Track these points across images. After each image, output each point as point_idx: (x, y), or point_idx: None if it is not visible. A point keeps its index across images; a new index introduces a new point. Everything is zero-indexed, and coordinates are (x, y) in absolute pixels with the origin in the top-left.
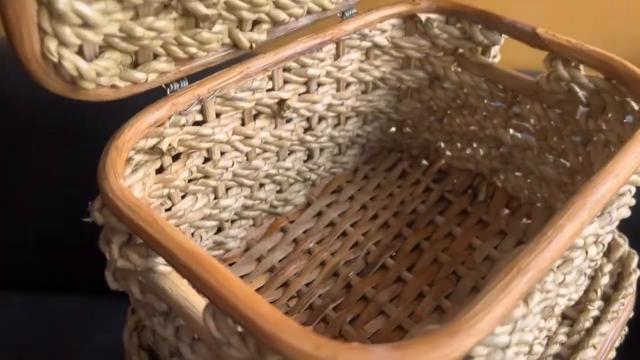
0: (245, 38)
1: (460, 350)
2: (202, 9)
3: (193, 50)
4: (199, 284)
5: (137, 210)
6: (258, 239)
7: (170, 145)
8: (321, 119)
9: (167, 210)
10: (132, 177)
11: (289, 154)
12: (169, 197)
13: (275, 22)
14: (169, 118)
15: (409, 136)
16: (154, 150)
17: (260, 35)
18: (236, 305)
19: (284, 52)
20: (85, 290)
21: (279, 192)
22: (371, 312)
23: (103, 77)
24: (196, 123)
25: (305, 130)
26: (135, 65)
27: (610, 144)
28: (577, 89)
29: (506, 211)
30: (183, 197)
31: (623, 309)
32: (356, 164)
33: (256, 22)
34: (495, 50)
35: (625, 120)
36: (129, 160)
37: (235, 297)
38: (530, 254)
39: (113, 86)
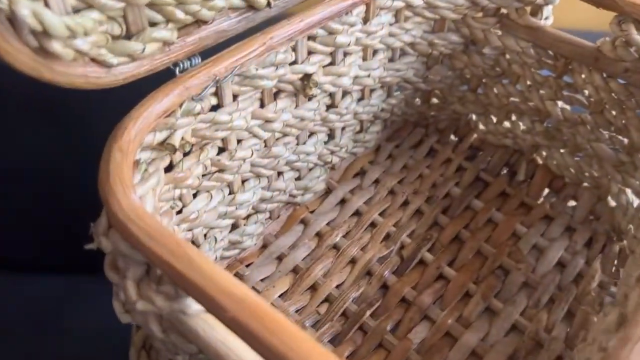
0: None
1: None
2: None
3: (195, 8)
4: (256, 344)
5: (161, 238)
6: (276, 234)
7: (183, 139)
8: (345, 93)
9: (178, 212)
10: (143, 186)
11: (309, 136)
12: (180, 198)
13: None
14: (181, 105)
15: (437, 108)
16: (165, 146)
17: None
18: None
19: (312, 17)
20: (67, 270)
21: (298, 179)
22: (414, 317)
23: (82, 40)
24: (211, 108)
25: (328, 107)
26: (129, 37)
27: None
28: None
29: (547, 191)
30: (194, 195)
31: None
32: (378, 142)
33: None
34: (548, 10)
35: None
36: (136, 163)
37: None
38: None
39: (102, 63)
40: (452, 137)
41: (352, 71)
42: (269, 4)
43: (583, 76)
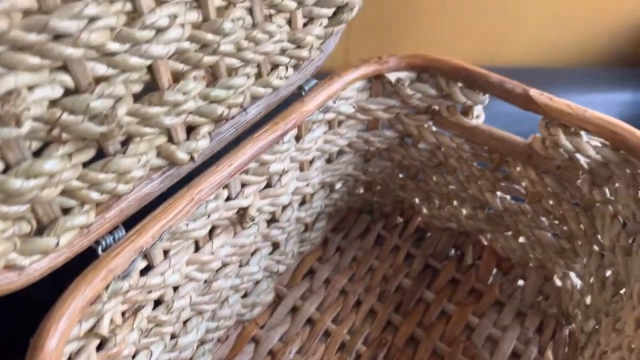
0: (181, 151)
1: None
2: (94, 128)
3: (111, 186)
4: None
5: None
6: (226, 358)
7: (113, 322)
8: (285, 206)
9: None
10: None
11: (252, 254)
12: None
13: (215, 120)
14: (107, 288)
15: (380, 194)
16: (93, 334)
17: (201, 142)
18: None
19: (240, 159)
20: None
21: (244, 296)
22: None
23: None
24: (140, 272)
25: (269, 223)
26: (40, 230)
27: (620, 215)
28: (579, 156)
29: (495, 271)
30: (133, 355)
31: None
32: (325, 234)
33: (192, 127)
34: (478, 109)
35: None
36: None
37: None
38: None
39: (13, 267)
40: (399, 218)
41: (290, 188)
42: (192, 159)
43: (518, 169)
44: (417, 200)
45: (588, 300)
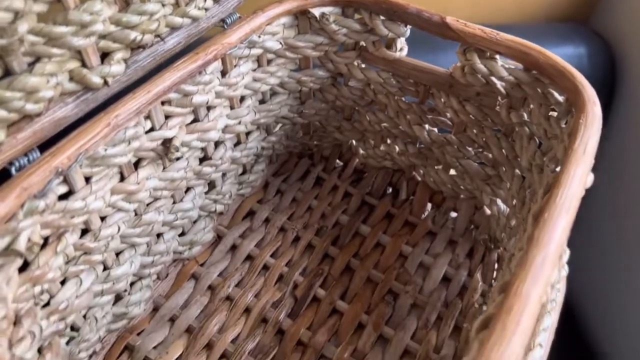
0: (94, 75)
1: None
2: None
3: (18, 105)
4: None
5: None
6: (166, 294)
7: (30, 240)
8: (218, 143)
9: (46, 305)
10: None
11: (186, 192)
12: (45, 291)
13: (130, 47)
14: (22, 206)
15: (318, 137)
16: (10, 252)
17: (115, 67)
18: None
19: (159, 86)
20: None
21: (182, 234)
22: (311, 359)
23: None
24: (61, 197)
25: (202, 160)
26: None
27: (535, 136)
28: (495, 80)
29: (430, 205)
30: (62, 282)
31: (560, 294)
32: (265, 178)
33: (106, 53)
34: (401, 42)
35: (550, 114)
36: None
37: None
38: (499, 344)
39: None
40: (338, 161)
41: (219, 124)
42: (106, 83)
43: (443, 100)
44: (354, 142)
45: (513, 223)
